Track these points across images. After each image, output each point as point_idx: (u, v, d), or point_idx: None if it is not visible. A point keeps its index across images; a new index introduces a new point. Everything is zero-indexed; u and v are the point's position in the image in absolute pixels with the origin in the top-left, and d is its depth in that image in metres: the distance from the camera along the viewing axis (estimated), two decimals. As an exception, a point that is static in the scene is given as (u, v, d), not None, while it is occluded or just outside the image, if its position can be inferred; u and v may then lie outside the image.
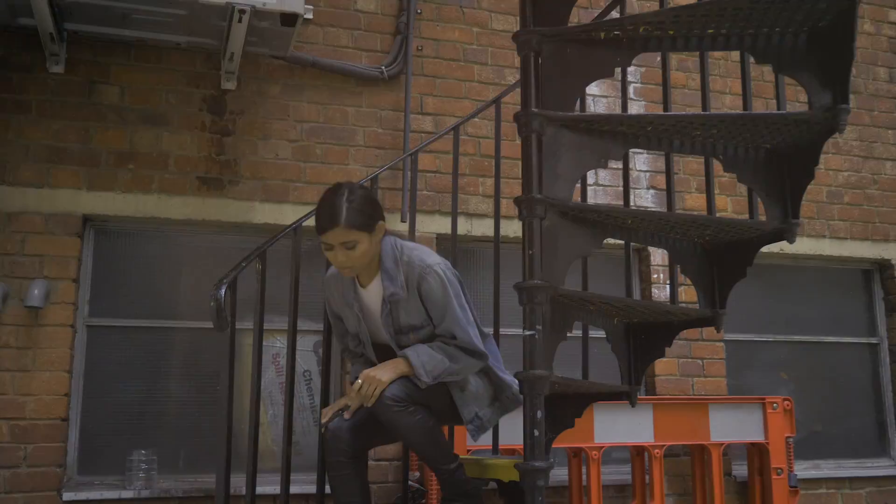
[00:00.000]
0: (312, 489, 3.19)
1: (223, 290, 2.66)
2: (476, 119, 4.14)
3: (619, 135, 2.73)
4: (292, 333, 3.02)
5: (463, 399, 2.64)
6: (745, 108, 2.84)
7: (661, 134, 2.73)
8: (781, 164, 2.77)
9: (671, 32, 2.63)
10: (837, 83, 2.51)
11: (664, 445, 3.84)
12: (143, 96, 3.80)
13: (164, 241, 3.87)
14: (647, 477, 3.97)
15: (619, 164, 3.66)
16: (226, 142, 3.86)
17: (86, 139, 3.70)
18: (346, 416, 2.52)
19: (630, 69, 3.91)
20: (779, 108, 2.81)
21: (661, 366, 4.29)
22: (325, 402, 3.01)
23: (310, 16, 4.03)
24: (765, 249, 2.75)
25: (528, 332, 2.46)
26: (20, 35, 3.64)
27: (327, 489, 2.78)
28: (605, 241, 2.75)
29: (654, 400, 3.96)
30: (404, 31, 4.16)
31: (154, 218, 3.74)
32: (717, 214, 3.86)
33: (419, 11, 4.23)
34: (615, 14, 2.93)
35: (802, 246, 4.65)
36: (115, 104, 3.77)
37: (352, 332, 2.71)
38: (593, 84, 4.35)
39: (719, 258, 2.99)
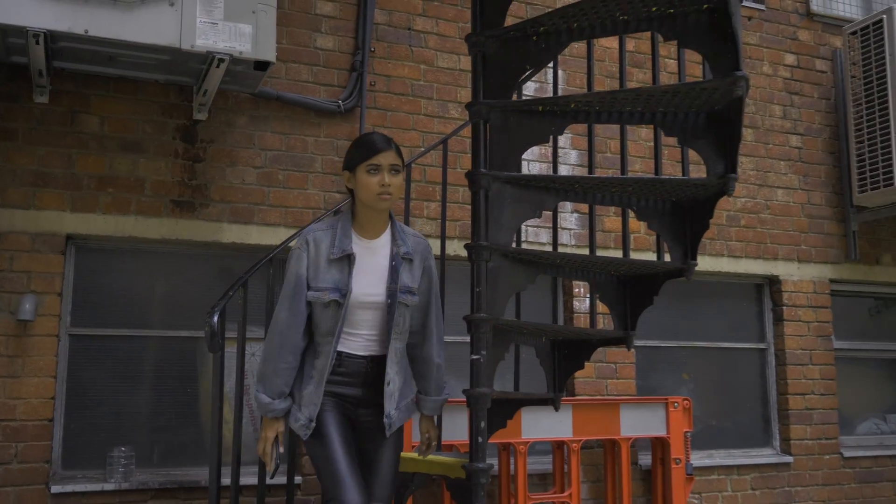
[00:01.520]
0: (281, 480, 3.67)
1: (216, 318, 3.10)
2: (421, 148, 4.64)
3: (552, 190, 3.27)
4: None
5: (388, 393, 2.80)
6: (655, 170, 3.41)
7: (587, 190, 3.29)
8: (684, 214, 3.35)
9: (597, 108, 3.18)
10: (729, 156, 3.09)
11: (581, 440, 4.44)
12: (122, 125, 4.16)
13: (141, 258, 4.25)
14: (566, 467, 4.56)
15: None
16: (197, 168, 4.25)
17: (69, 164, 4.05)
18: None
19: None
20: (683, 171, 3.41)
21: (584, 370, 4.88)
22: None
23: (275, 43, 4.44)
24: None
25: (474, 357, 2.99)
26: (7, 67, 3.95)
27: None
28: (538, 277, 3.31)
29: (574, 401, 4.55)
30: (359, 67, 4.61)
31: (132, 237, 4.12)
32: (632, 236, 4.45)
33: (373, 50, 4.68)
34: (538, 81, 3.46)
35: (704, 263, 5.30)
36: (95, 132, 4.11)
37: (323, 294, 2.68)
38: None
39: (631, 289, 3.56)
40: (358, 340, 2.79)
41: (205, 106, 4.20)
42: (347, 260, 2.72)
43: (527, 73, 3.24)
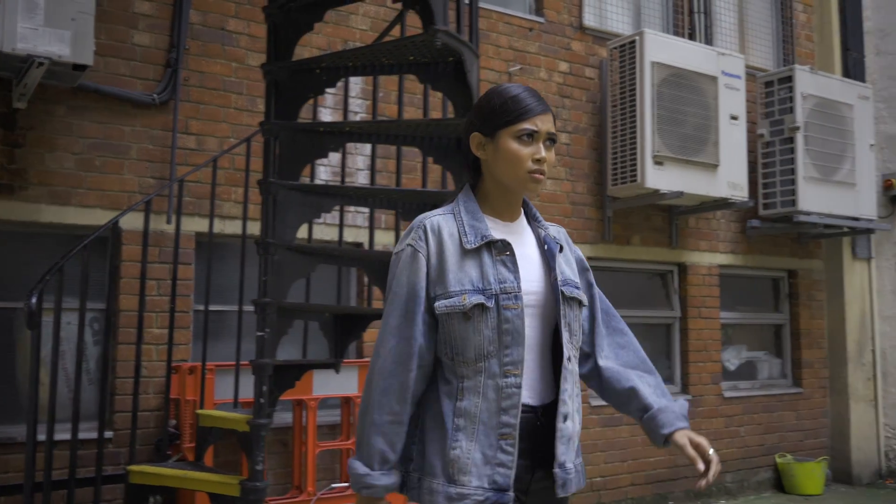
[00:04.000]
0: (92, 435, 4.23)
1: (34, 300, 3.61)
2: (231, 139, 5.20)
3: (330, 196, 3.97)
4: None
5: None
6: (423, 183, 4.17)
7: (360, 196, 4.01)
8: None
9: (368, 132, 3.90)
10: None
11: (365, 396, 5.22)
12: (-58, 111, 4.48)
13: (-39, 235, 4.61)
14: (351, 418, 5.35)
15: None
16: (17, 153, 4.63)
17: None
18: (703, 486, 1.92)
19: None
20: (443, 185, 4.20)
21: (368, 335, 5.63)
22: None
23: (93, 47, 4.84)
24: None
25: (259, 333, 3.68)
26: None
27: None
28: (317, 266, 4.02)
29: (360, 362, 5.32)
30: (174, 64, 5.08)
31: (-47, 217, 4.48)
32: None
33: (187, 47, 5.16)
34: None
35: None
36: (-85, 117, 4.42)
37: (460, 298, 1.89)
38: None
39: (400, 274, 4.31)
40: (517, 375, 1.90)
41: (25, 96, 4.56)
42: (489, 249, 1.93)
43: (310, 99, 3.91)
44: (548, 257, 2.02)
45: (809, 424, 8.03)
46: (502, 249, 1.94)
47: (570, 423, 1.95)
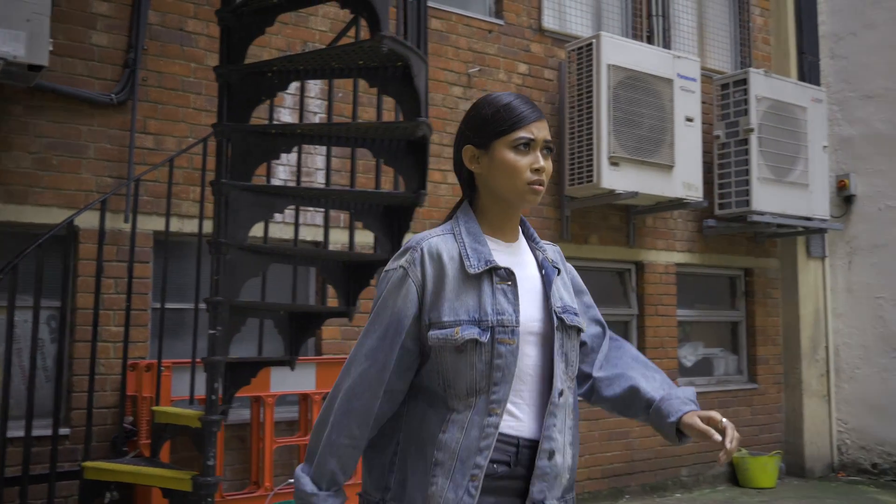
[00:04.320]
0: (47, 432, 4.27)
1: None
2: (190, 138, 5.25)
3: (283, 196, 4.05)
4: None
5: None
6: (376, 184, 4.25)
7: (312, 197, 4.09)
8: (392, 216, 4.22)
9: (320, 134, 3.98)
10: (421, 176, 3.98)
11: (323, 392, 5.30)
12: None
13: (-84, 233, 4.63)
14: (309, 415, 5.42)
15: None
16: (-27, 152, 4.67)
17: None
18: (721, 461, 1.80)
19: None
20: (395, 186, 4.29)
21: (327, 332, 5.72)
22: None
23: (50, 48, 4.87)
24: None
25: (211, 331, 3.75)
26: None
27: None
28: (270, 265, 4.09)
29: (318, 359, 5.40)
30: (132, 64, 5.13)
31: None
32: (355, 240, 5.26)
33: (146, 48, 5.21)
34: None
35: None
36: None
37: (453, 331, 1.77)
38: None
39: (354, 273, 4.42)
40: (513, 412, 1.81)
41: (-20, 95, 4.60)
42: (489, 276, 1.82)
43: (262, 101, 3.98)
44: (547, 281, 1.90)
45: (764, 419, 8.22)
46: (505, 278, 1.82)
47: (560, 459, 1.83)
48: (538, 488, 1.79)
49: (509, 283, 1.82)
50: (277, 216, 4.57)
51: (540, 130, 1.85)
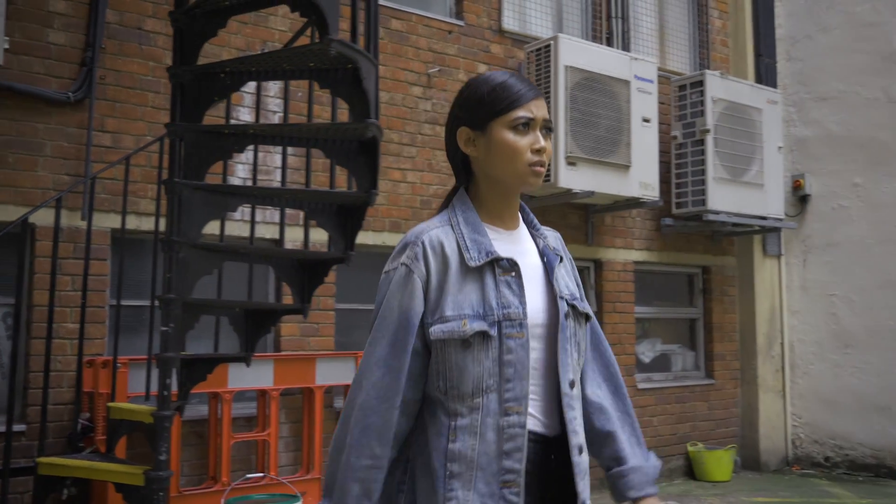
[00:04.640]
0: (2, 428, 4.31)
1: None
2: (148, 136, 5.29)
3: (236, 195, 4.10)
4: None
5: None
6: (330, 184, 4.33)
7: (265, 196, 4.16)
8: (345, 214, 4.29)
9: (272, 134, 4.04)
10: (373, 176, 4.05)
11: (280, 388, 5.37)
12: None
13: None
14: (267, 411, 5.49)
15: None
16: (-72, 149, 4.68)
17: None
18: None
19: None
20: (349, 186, 4.36)
21: (286, 329, 5.79)
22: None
23: (6, 46, 4.90)
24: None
25: (163, 328, 3.80)
26: None
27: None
28: (224, 263, 4.15)
29: (276, 356, 5.47)
30: (90, 62, 5.15)
31: None
32: (311, 238, 5.33)
33: (104, 46, 5.23)
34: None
35: (367, 238, 6.33)
36: None
37: (460, 323, 1.67)
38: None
39: (308, 271, 4.48)
40: (520, 413, 1.69)
41: (-65, 92, 4.61)
42: (491, 268, 1.72)
43: (215, 102, 4.03)
44: (549, 268, 1.81)
45: (721, 414, 8.39)
46: (508, 269, 1.71)
47: (586, 456, 1.75)
48: (582, 486, 1.72)
49: (513, 273, 1.72)
50: (236, 214, 4.63)
51: (539, 109, 1.76)
